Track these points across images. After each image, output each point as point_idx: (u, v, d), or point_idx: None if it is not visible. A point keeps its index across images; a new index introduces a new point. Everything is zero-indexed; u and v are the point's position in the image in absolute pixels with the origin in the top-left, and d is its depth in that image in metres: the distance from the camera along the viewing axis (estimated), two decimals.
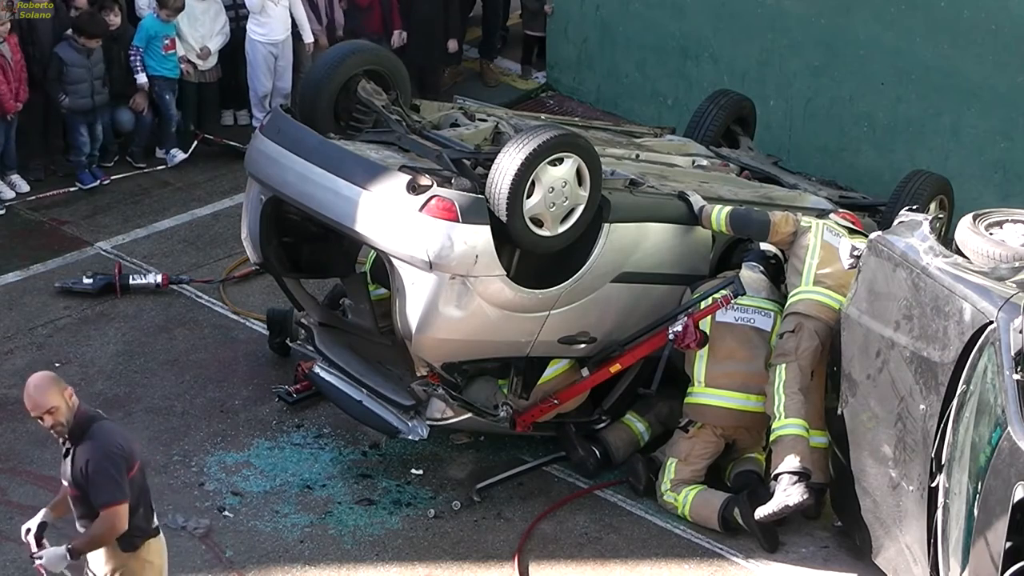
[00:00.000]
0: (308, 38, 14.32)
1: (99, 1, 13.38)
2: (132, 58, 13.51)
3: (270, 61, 14.18)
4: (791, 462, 9.59)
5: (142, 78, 13.56)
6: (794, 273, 10.10)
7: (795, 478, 9.55)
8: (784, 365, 9.78)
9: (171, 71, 13.70)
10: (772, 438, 9.74)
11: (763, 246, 10.45)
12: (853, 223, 10.50)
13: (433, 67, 14.95)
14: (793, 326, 9.86)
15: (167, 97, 13.74)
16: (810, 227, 10.20)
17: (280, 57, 14.21)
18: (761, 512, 9.64)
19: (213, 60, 14.04)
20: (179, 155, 13.95)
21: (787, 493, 9.54)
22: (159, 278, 12.17)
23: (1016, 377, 8.11)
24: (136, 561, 8.06)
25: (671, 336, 9.89)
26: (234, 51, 14.26)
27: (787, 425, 9.68)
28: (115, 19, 13.41)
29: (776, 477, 9.62)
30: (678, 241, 10.26)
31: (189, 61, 13.86)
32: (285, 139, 10.15)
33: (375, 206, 9.58)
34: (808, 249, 10.09)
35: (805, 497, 9.54)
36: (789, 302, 10.02)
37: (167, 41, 13.59)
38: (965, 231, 9.30)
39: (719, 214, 10.18)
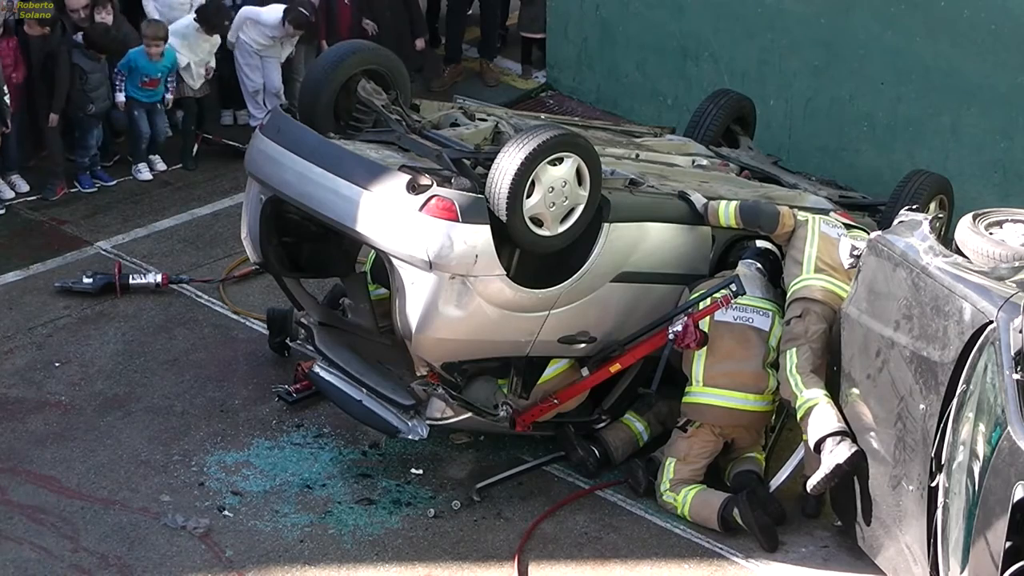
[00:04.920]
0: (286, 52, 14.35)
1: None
2: (115, 78, 13.34)
3: (255, 58, 14.18)
4: (827, 425, 9.44)
5: (120, 97, 13.39)
6: (794, 264, 10.09)
7: (837, 438, 9.41)
8: (795, 348, 9.73)
9: (147, 98, 13.52)
10: (799, 415, 9.60)
11: (760, 244, 10.46)
12: (849, 222, 10.50)
13: None
14: (800, 311, 9.83)
15: (136, 113, 13.52)
16: (807, 220, 10.22)
17: (265, 56, 14.20)
18: (813, 480, 9.45)
19: (203, 79, 13.97)
20: (145, 173, 13.76)
21: (834, 453, 9.34)
22: (159, 278, 12.17)
23: (1016, 377, 8.12)
24: None
25: (671, 336, 9.89)
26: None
27: (809, 398, 9.57)
28: (107, 17, 13.37)
29: (817, 446, 9.46)
30: (678, 241, 10.26)
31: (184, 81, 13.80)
32: (285, 139, 10.15)
33: (375, 206, 9.58)
34: (806, 239, 10.10)
35: (854, 451, 9.32)
36: (792, 290, 9.98)
37: (146, 79, 13.41)
38: (965, 231, 9.30)
39: (727, 208, 10.19)
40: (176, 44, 13.56)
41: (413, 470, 10.43)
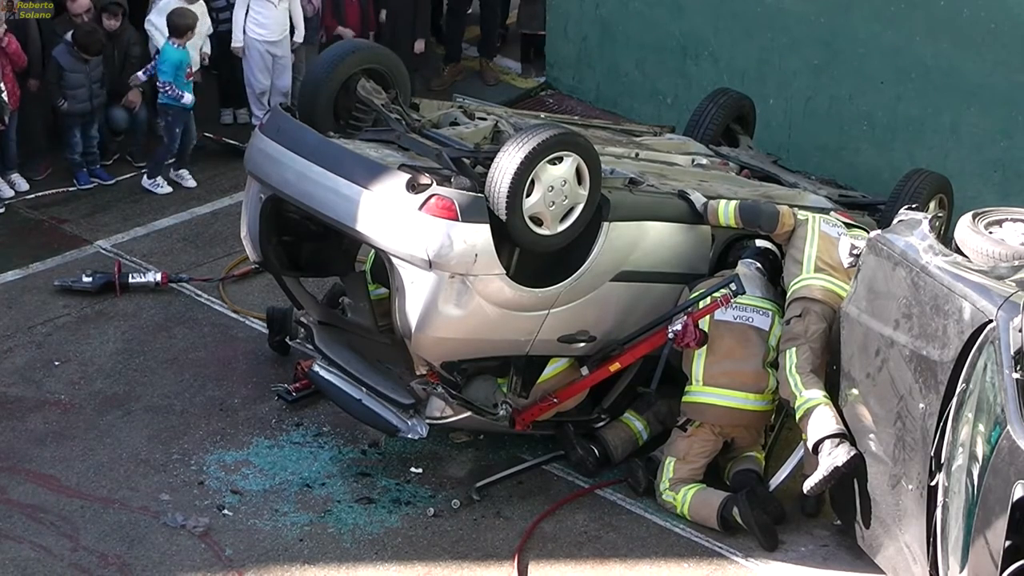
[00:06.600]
0: (299, 37, 14.29)
1: (101, 4, 13.34)
2: (164, 91, 13.11)
3: (267, 59, 14.16)
4: (826, 427, 9.46)
5: (189, 98, 13.22)
6: (794, 263, 10.09)
7: (836, 440, 9.42)
8: (795, 348, 9.74)
9: (189, 102, 13.35)
10: (798, 416, 9.62)
11: (760, 244, 10.46)
12: (849, 221, 10.51)
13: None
14: (800, 310, 9.84)
15: (177, 130, 13.36)
16: (806, 219, 10.23)
17: (278, 56, 14.20)
18: (811, 482, 9.48)
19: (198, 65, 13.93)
20: (164, 187, 13.56)
21: (833, 456, 9.37)
22: (159, 276, 12.17)
23: (1015, 376, 8.12)
24: None
25: (671, 335, 9.89)
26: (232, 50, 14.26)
27: (809, 399, 9.59)
28: (114, 23, 13.36)
29: (816, 448, 9.50)
30: (677, 240, 10.26)
31: None
32: (285, 138, 10.14)
33: (375, 205, 9.58)
34: (806, 239, 10.10)
35: (852, 454, 9.35)
36: (792, 289, 9.99)
37: (189, 68, 13.30)
38: (964, 230, 9.31)
39: (727, 207, 10.19)
40: (164, 27, 13.38)
41: (413, 469, 10.43)
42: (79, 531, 9.70)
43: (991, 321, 8.41)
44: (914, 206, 10.22)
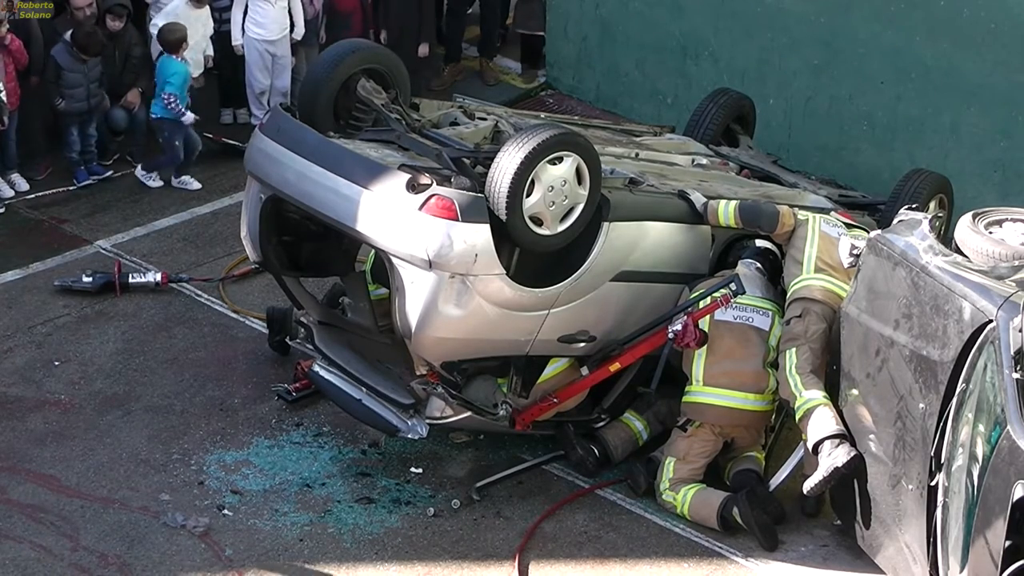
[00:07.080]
0: (298, 35, 14.27)
1: (106, 6, 13.34)
2: (170, 106, 13.08)
3: (266, 59, 14.16)
4: (826, 427, 9.47)
5: (189, 116, 13.27)
6: (794, 264, 10.10)
7: (836, 441, 9.43)
8: (795, 348, 9.74)
9: (188, 120, 13.33)
10: (798, 416, 9.63)
11: (760, 244, 10.46)
12: (850, 222, 10.51)
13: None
14: (800, 311, 9.84)
15: (176, 143, 13.36)
16: (807, 219, 10.23)
17: (277, 55, 14.20)
18: (811, 483, 9.49)
19: (201, 67, 13.94)
20: (155, 180, 13.57)
21: (833, 456, 9.38)
22: (159, 276, 12.17)
23: (1015, 376, 8.13)
24: None
25: (671, 335, 9.89)
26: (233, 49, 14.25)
27: (809, 399, 9.59)
28: (118, 24, 13.36)
29: (816, 448, 9.51)
30: (678, 240, 10.26)
31: None
32: (285, 138, 10.14)
33: (375, 205, 9.58)
34: (806, 239, 10.11)
35: (852, 455, 9.36)
36: (792, 289, 9.99)
37: (192, 80, 13.36)
38: (964, 230, 9.31)
39: (727, 208, 10.19)
40: None
41: (413, 469, 10.44)
42: (79, 531, 9.70)
43: (991, 321, 8.41)
44: (914, 206, 10.22)
